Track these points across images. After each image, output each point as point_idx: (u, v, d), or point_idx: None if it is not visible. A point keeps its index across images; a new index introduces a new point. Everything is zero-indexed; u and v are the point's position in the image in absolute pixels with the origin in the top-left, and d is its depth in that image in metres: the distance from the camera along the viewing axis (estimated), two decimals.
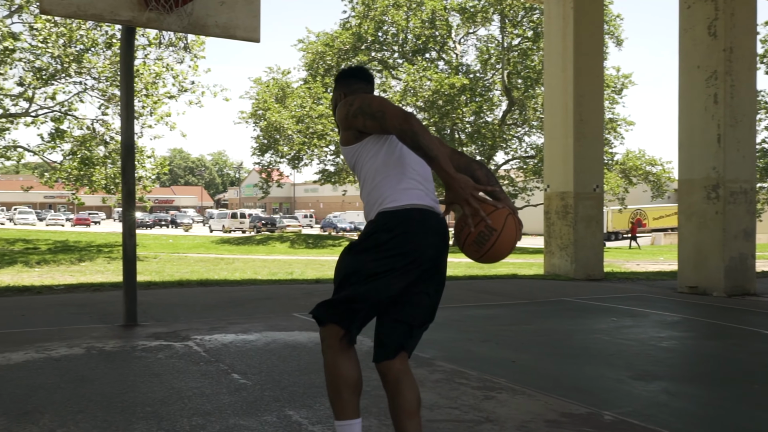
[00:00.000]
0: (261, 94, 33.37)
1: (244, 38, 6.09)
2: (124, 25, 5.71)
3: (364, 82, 2.84)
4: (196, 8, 5.73)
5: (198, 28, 5.84)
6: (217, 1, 5.94)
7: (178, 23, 5.62)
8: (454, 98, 31.04)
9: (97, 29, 21.94)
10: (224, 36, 6.00)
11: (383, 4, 33.06)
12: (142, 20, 5.61)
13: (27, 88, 22.44)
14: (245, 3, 6.08)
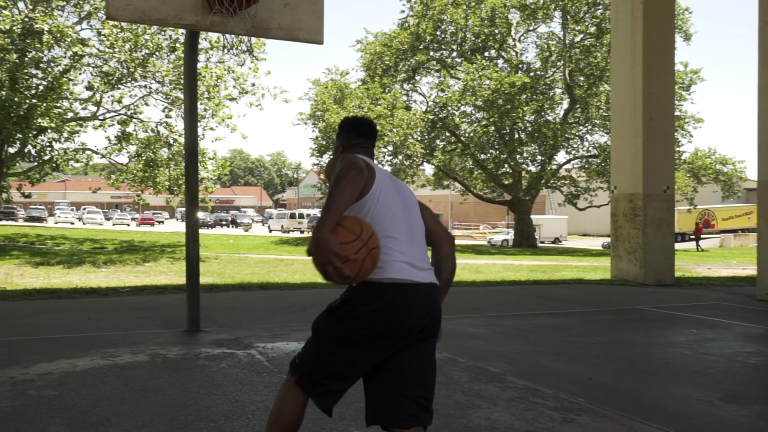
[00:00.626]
0: (320, 96, 33.50)
1: (308, 40, 5.97)
2: (188, 29, 5.66)
3: (364, 138, 2.71)
4: (260, 11, 5.63)
5: (261, 30, 5.75)
6: (281, 3, 5.83)
7: (242, 26, 5.54)
8: (515, 97, 30.49)
9: (161, 34, 22.40)
10: (287, 38, 5.89)
11: (442, 3, 32.75)
12: (206, 24, 5.55)
13: (95, 92, 23.10)
14: (309, 4, 5.95)
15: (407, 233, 2.49)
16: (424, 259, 2.50)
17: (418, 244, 2.52)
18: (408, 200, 2.60)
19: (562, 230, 55.62)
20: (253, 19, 5.53)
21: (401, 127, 31.05)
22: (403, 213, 2.52)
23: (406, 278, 2.37)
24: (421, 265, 2.45)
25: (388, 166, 35.61)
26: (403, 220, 2.50)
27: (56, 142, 23.10)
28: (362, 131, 2.71)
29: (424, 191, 48.25)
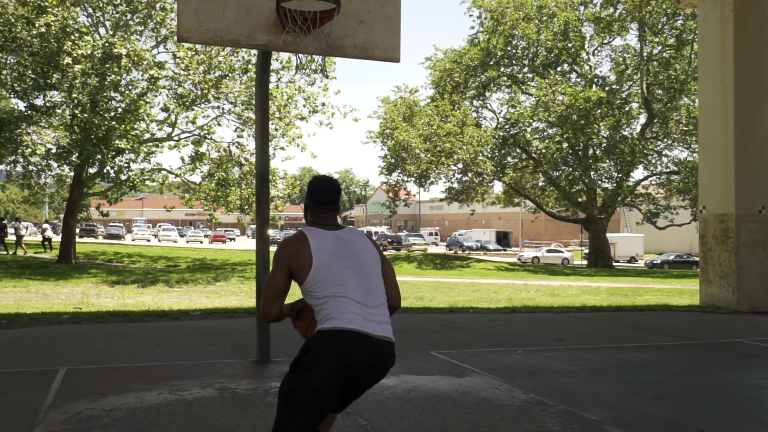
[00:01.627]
0: (389, 113, 33.42)
1: (384, 58, 5.67)
2: (260, 49, 5.46)
3: (320, 204, 3.01)
4: (334, 29, 5.37)
5: (335, 49, 5.49)
6: (355, 20, 5.57)
7: (315, 45, 5.29)
8: (590, 112, 29.56)
9: (234, 55, 22.76)
10: (362, 57, 5.61)
11: (513, 18, 32.20)
12: (279, 43, 5.33)
13: (170, 113, 23.66)
14: (384, 21, 5.67)
15: (363, 290, 2.80)
16: (379, 313, 2.79)
17: (374, 299, 2.81)
18: (363, 257, 2.90)
19: (638, 249, 53.65)
20: (327, 38, 5.28)
21: (471, 144, 30.57)
22: (356, 271, 2.83)
23: (355, 328, 2.69)
24: (373, 318, 2.75)
25: (457, 184, 35.15)
26: (355, 278, 2.81)
27: (133, 162, 23.73)
28: (318, 197, 3.02)
29: (494, 209, 47.42)
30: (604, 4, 33.10)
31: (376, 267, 2.92)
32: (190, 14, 5.11)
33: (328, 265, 2.79)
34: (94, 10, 23.32)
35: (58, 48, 19.84)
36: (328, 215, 3.01)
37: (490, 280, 23.54)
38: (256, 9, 5.27)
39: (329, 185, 3.04)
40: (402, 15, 5.77)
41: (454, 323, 9.21)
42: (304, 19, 5.18)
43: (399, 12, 5.73)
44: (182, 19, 5.11)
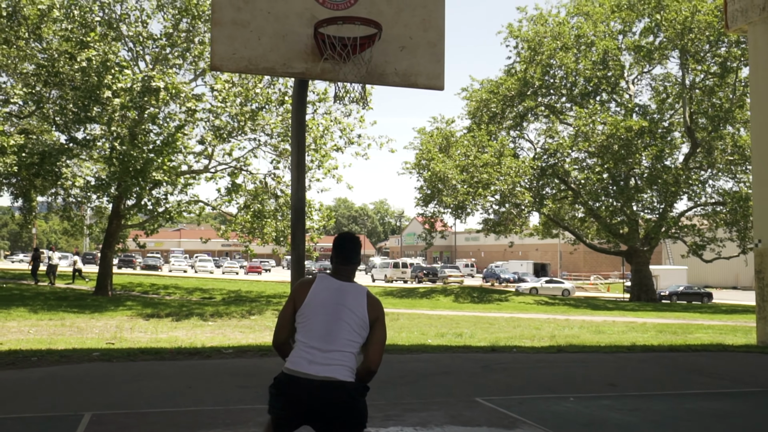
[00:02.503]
0: (425, 144, 33.17)
1: (427, 86, 5.35)
2: (297, 77, 5.19)
3: (338, 259, 3.40)
4: (374, 55, 5.07)
5: (376, 77, 5.19)
6: (397, 46, 5.27)
7: (355, 72, 4.99)
8: (632, 142, 28.88)
9: (271, 87, 22.82)
10: (404, 85, 5.29)
11: (551, 48, 31.85)
12: (316, 71, 5.05)
13: (207, 145, 23.73)
14: (428, 47, 5.36)
15: (322, 336, 3.17)
16: (331, 357, 3.12)
17: (331, 345, 3.15)
18: (342, 312, 3.21)
19: (682, 282, 52.07)
20: (367, 65, 4.98)
21: (509, 175, 30.07)
22: (326, 319, 3.20)
23: (296, 369, 3.12)
24: (321, 361, 3.11)
25: (494, 215, 34.58)
26: (323, 324, 3.19)
27: (170, 194, 23.82)
28: (339, 254, 3.41)
29: (531, 240, 46.62)
30: (644, 32, 32.59)
31: (350, 320, 3.20)
32: (224, 42, 4.87)
33: (310, 311, 3.22)
34: (134, 45, 23.68)
35: (99, 82, 20.09)
36: (346, 269, 3.40)
37: (530, 314, 22.86)
38: (293, 35, 5.01)
39: (349, 245, 3.43)
40: (446, 41, 5.46)
41: (498, 364, 8.71)
42: (343, 46, 4.91)
43: (443, 37, 5.43)
44: (216, 47, 4.88)
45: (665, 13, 29.85)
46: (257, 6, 4.96)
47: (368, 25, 4.80)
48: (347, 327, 3.17)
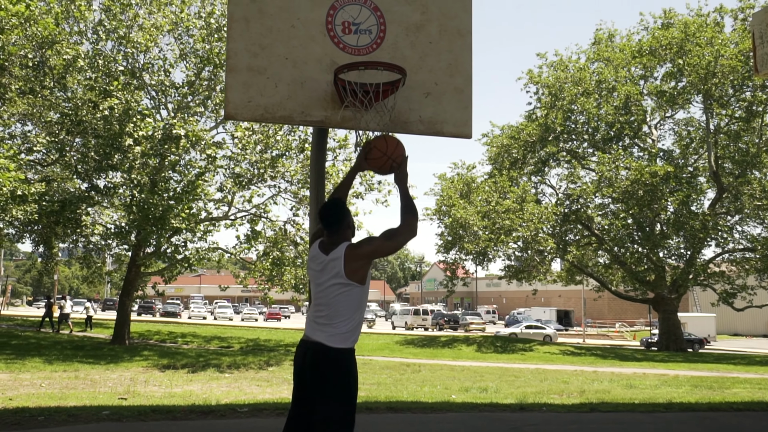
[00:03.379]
0: (446, 190, 32.90)
1: (453, 134, 5.04)
2: (315, 126, 4.90)
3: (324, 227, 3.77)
4: (398, 102, 4.77)
5: (399, 125, 4.88)
6: (421, 93, 4.97)
7: (377, 120, 4.69)
8: (657, 187, 28.35)
9: (291, 134, 22.78)
10: (429, 133, 4.98)
11: (572, 93, 31.69)
12: (336, 120, 4.75)
13: (227, 193, 23.63)
14: (454, 93, 5.06)
15: (314, 305, 3.64)
16: (317, 319, 3.57)
17: (318, 307, 3.60)
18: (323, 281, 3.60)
19: (710, 330, 50.62)
20: (390, 112, 4.68)
21: (532, 221, 29.61)
22: (315, 285, 3.65)
23: (305, 333, 3.65)
24: (312, 325, 3.59)
25: (516, 261, 34.03)
26: (314, 294, 3.65)
27: (190, 242, 23.66)
28: (321, 224, 3.76)
29: (554, 286, 45.73)
30: (665, 77, 32.36)
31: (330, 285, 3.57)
32: (238, 89, 4.61)
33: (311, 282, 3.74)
34: (157, 93, 23.87)
35: (121, 130, 20.16)
36: (331, 235, 3.74)
37: (556, 366, 22.11)
38: (311, 82, 4.74)
39: (324, 209, 3.78)
40: (474, 87, 5.15)
41: (528, 425, 8.18)
42: (365, 92, 4.61)
43: (470, 83, 5.12)
44: (230, 94, 4.61)
45: (687, 58, 29.63)
46: (274, 51, 4.71)
47: (391, 70, 4.51)
48: (327, 287, 3.57)
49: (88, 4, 21.93)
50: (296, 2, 4.79)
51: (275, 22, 4.74)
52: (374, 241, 3.68)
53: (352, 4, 4.90)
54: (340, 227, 3.72)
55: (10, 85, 20.91)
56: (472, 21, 5.19)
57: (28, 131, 23.55)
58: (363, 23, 4.89)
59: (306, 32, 4.79)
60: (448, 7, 5.14)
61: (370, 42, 4.84)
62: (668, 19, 32.13)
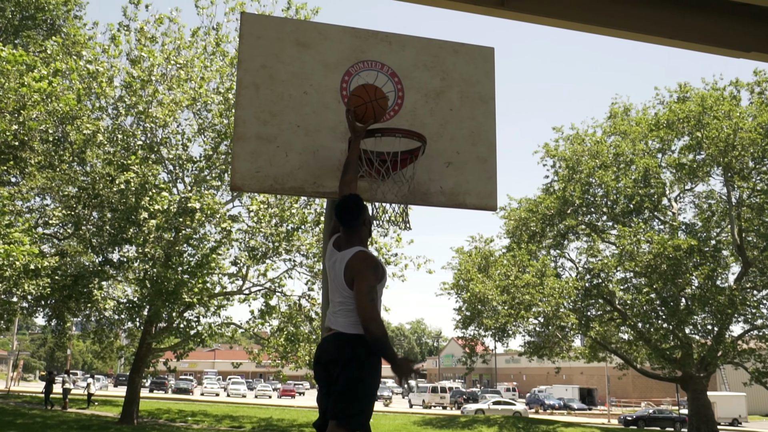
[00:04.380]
0: (463, 264, 32.38)
1: (477, 206, 4.68)
2: (329, 197, 4.57)
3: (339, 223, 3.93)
4: (417, 172, 4.45)
5: (419, 196, 4.54)
6: (442, 162, 4.66)
7: (395, 191, 4.36)
8: (680, 261, 27.66)
9: (307, 207, 22.61)
10: (451, 205, 4.64)
11: (589, 166, 31.47)
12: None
13: (242, 266, 23.32)
14: (477, 162, 4.73)
15: (330, 296, 3.91)
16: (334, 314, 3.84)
17: (332, 303, 3.88)
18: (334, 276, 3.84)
19: (741, 410, 48.63)
20: (409, 183, 4.34)
21: (552, 296, 28.90)
22: (329, 279, 3.92)
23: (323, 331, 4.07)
24: (329, 318, 3.88)
25: (537, 337, 33.06)
26: (329, 285, 3.92)
27: (203, 317, 23.23)
28: (336, 216, 3.92)
29: (576, 363, 44.34)
30: (683, 150, 32.13)
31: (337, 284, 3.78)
32: (246, 158, 4.31)
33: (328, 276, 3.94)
34: (174, 167, 23.96)
35: (137, 204, 20.10)
36: (346, 232, 3.86)
37: None
38: (324, 151, 4.44)
39: (339, 205, 3.87)
40: (498, 157, 4.82)
41: None
42: (381, 161, 4.30)
43: (494, 152, 4.80)
44: (238, 164, 4.31)
45: (706, 131, 29.46)
46: (285, 119, 4.44)
47: (411, 137, 4.22)
48: (336, 292, 3.79)
49: (109, 81, 22.32)
50: (309, 68, 4.55)
51: (287, 89, 4.49)
52: (363, 287, 3.67)
53: (368, 70, 4.65)
54: (356, 224, 3.81)
55: (30, 159, 21.10)
56: (494, 87, 4.91)
57: (46, 205, 23.64)
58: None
59: (319, 99, 4.53)
60: (470, 73, 4.88)
61: (388, 109, 4.56)
62: (684, 93, 32.17)
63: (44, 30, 28.05)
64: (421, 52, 4.79)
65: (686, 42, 9.72)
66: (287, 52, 4.50)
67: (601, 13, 9.34)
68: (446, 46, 4.88)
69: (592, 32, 10.00)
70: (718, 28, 9.55)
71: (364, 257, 3.72)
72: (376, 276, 3.72)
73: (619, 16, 9.47)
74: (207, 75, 22.86)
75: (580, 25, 9.26)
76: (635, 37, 9.87)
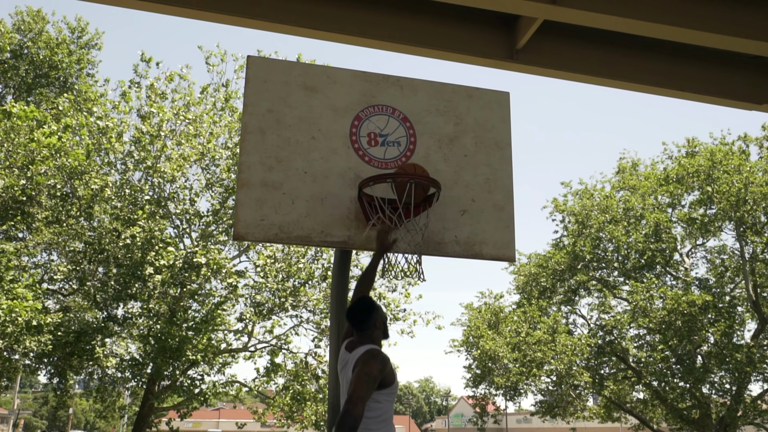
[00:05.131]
0: (473, 321, 31.85)
1: (494, 257, 4.43)
2: (337, 247, 4.33)
3: (349, 323, 3.97)
4: (430, 220, 4.20)
5: (432, 246, 4.30)
6: (456, 210, 4.42)
7: (408, 241, 4.09)
8: (695, 317, 27.08)
9: (315, 262, 22.36)
10: (467, 255, 4.38)
11: (599, 221, 31.23)
12: (360, 240, 4.21)
13: (247, 323, 22.92)
14: (493, 210, 4.51)
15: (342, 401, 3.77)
16: None
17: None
18: (343, 374, 3.84)
19: None
20: (422, 231, 4.10)
21: (565, 353, 28.25)
22: (341, 385, 3.89)
23: None
24: None
25: (549, 396, 32.20)
26: (341, 391, 3.86)
27: (207, 375, 22.72)
28: (347, 320, 3.97)
29: (591, 424, 43.07)
30: (694, 204, 31.89)
31: (346, 381, 3.76)
32: (251, 206, 4.10)
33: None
34: (181, 222, 23.85)
35: (142, 259, 19.91)
36: (359, 335, 3.85)
37: None
38: (333, 198, 4.23)
39: (350, 309, 3.81)
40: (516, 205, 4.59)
41: None
42: (393, 209, 4.06)
43: (511, 200, 4.58)
44: (241, 211, 4.10)
45: (716, 185, 29.29)
46: (292, 165, 4.24)
47: (424, 182, 3.98)
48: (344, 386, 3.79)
49: (118, 136, 22.44)
50: (317, 112, 4.37)
51: (294, 134, 4.30)
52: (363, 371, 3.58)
53: (378, 115, 4.47)
54: (367, 327, 3.81)
55: (38, 214, 21.04)
56: (510, 132, 4.72)
57: (52, 261, 23.46)
58: (391, 134, 4.43)
59: (328, 144, 4.34)
60: (485, 118, 4.70)
61: (399, 155, 4.36)
62: (692, 147, 32.16)
63: (57, 87, 28.49)
64: (434, 97, 4.62)
65: (699, 94, 9.59)
66: (295, 96, 4.33)
67: (611, 65, 9.22)
68: (460, 90, 4.72)
69: (603, 84, 9.85)
70: (730, 80, 9.43)
71: (375, 353, 3.66)
72: (383, 370, 3.59)
73: (629, 68, 9.35)
74: (216, 131, 22.99)
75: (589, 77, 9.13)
76: (646, 89, 9.73)
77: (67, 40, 28.75)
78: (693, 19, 7.51)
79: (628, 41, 8.45)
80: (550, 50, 7.16)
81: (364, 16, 6.30)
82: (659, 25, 7.34)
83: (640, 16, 7.14)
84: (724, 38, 7.55)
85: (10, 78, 27.96)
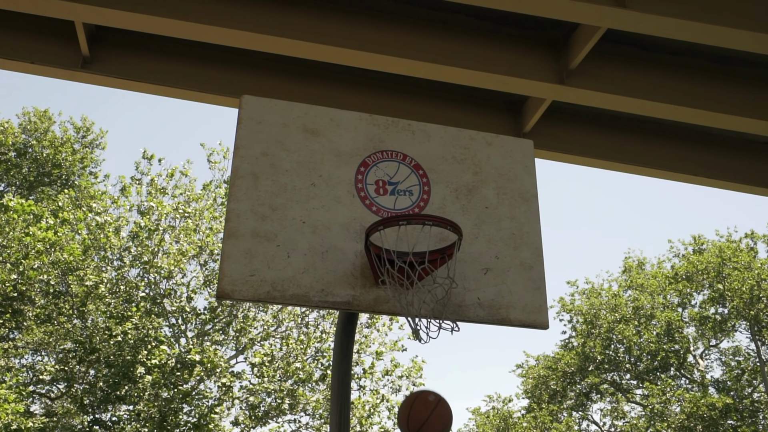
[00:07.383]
0: (480, 427, 30.30)
1: (524, 323, 3.79)
2: (340, 308, 3.70)
3: None
4: (455, 275, 3.60)
5: (451, 308, 3.68)
6: (479, 269, 3.82)
7: (420, 302, 3.47)
8: (716, 421, 25.67)
9: (315, 362, 21.37)
10: (492, 320, 3.75)
11: (608, 320, 30.30)
12: (367, 301, 3.59)
13: (243, 429, 21.59)
14: (521, 269, 3.91)
15: None
16: None
17: None
18: None
19: None
20: (447, 288, 3.48)
21: None
22: None
23: None
24: None
25: None
26: None
27: None
28: None
29: None
30: (704, 303, 31.06)
31: None
32: (239, 259, 3.51)
33: None
34: (177, 320, 23.00)
35: (134, 358, 18.96)
36: None
37: None
38: (335, 252, 3.64)
39: None
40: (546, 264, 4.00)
41: None
42: (406, 263, 3.47)
43: (541, 258, 3.99)
44: (228, 266, 3.50)
45: (727, 282, 28.61)
46: (288, 214, 3.69)
47: (443, 226, 3.43)
48: None
49: (116, 231, 22.01)
50: (318, 157, 3.87)
51: (291, 180, 3.77)
52: None
53: (387, 161, 3.96)
54: None
55: (28, 312, 20.28)
56: (536, 184, 4.19)
57: (39, 360, 22.43)
58: (402, 182, 3.90)
59: (330, 192, 3.79)
60: (507, 168, 4.18)
61: (412, 204, 3.82)
62: (699, 245, 31.71)
63: (59, 186, 28.41)
64: (450, 143, 4.13)
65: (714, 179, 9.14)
66: (293, 138, 3.85)
67: (621, 150, 8.85)
68: (478, 137, 4.24)
69: (613, 169, 9.45)
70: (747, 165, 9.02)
71: None
72: None
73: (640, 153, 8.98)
74: (215, 226, 22.59)
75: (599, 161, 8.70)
76: (659, 174, 9.32)
77: (71, 139, 28.96)
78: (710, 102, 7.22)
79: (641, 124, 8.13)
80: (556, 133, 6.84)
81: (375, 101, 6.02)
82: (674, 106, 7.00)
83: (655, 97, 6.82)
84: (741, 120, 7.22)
85: (13, 176, 27.94)
